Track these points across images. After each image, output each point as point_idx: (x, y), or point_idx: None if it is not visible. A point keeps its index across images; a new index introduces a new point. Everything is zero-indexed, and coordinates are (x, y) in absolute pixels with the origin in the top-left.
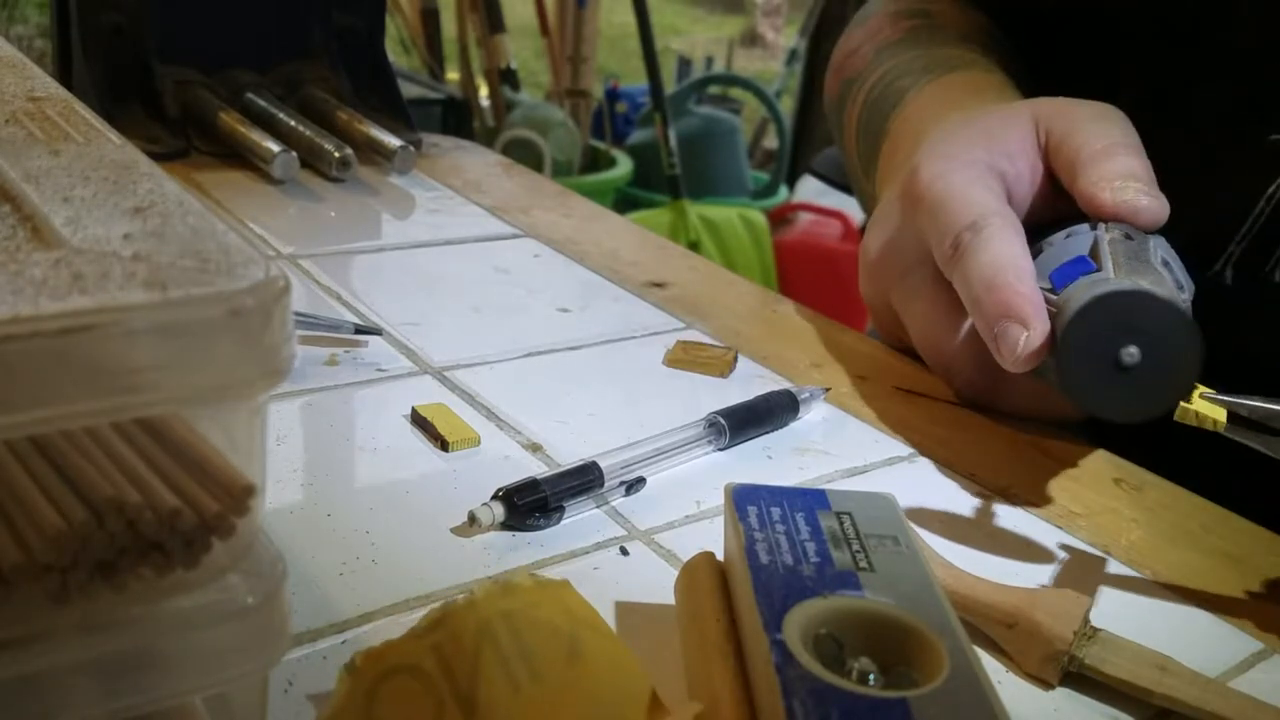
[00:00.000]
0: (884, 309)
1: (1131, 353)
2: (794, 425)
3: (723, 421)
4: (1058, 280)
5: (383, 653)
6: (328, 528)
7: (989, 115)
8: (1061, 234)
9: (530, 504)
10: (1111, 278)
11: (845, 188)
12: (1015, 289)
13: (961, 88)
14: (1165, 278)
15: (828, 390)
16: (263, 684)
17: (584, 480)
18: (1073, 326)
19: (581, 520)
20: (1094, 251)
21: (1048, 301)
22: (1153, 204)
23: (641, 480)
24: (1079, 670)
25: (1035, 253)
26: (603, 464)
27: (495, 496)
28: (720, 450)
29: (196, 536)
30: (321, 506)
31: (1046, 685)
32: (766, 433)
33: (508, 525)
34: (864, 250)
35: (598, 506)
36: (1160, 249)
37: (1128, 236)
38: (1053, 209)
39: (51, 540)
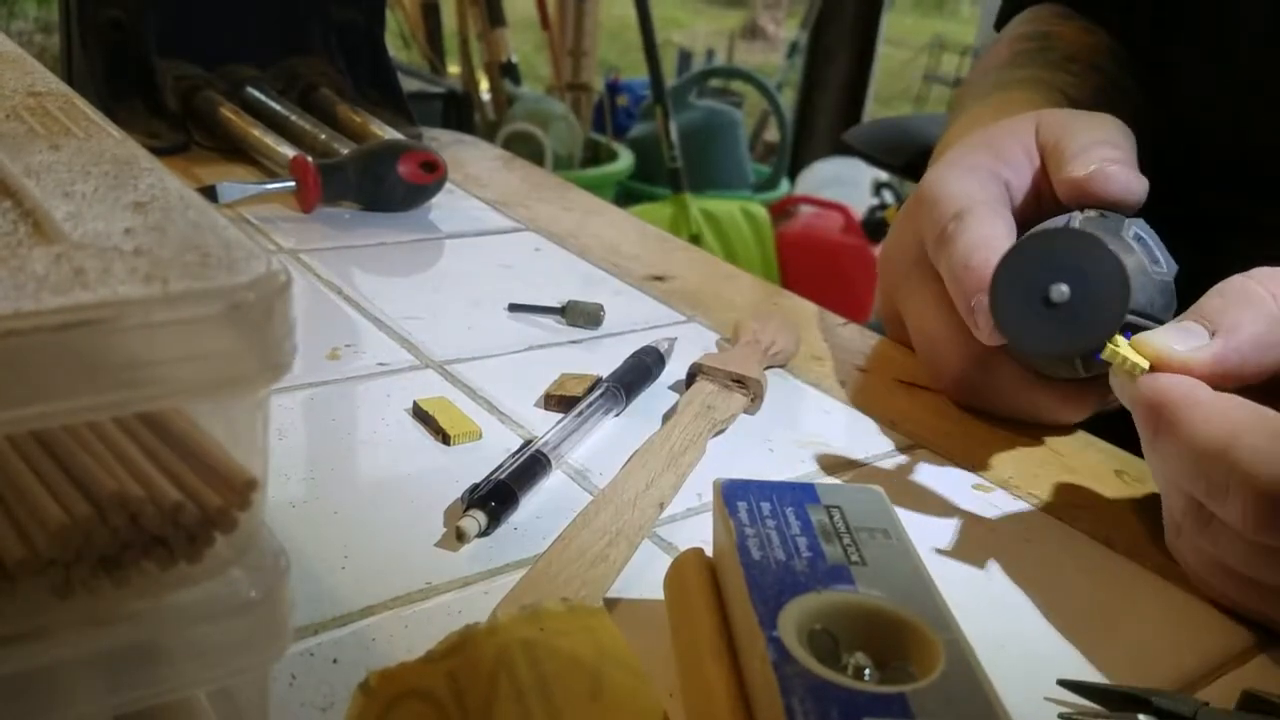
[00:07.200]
0: (890, 308)
1: (1061, 290)
2: (796, 415)
3: (618, 389)
4: None
5: (397, 674)
6: (330, 522)
7: (998, 127)
8: (1047, 221)
9: (504, 506)
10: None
11: (874, 159)
12: (990, 264)
13: (997, 107)
14: (1134, 248)
15: (674, 340)
16: (265, 678)
17: (540, 470)
18: (1006, 261)
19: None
20: (1065, 225)
21: None
22: (1123, 173)
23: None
24: None
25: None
26: (547, 450)
27: (473, 505)
28: (618, 416)
29: (199, 530)
30: (324, 500)
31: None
32: (648, 386)
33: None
34: (880, 252)
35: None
36: (1135, 227)
37: (1103, 215)
38: (1054, 211)
39: (55, 535)
